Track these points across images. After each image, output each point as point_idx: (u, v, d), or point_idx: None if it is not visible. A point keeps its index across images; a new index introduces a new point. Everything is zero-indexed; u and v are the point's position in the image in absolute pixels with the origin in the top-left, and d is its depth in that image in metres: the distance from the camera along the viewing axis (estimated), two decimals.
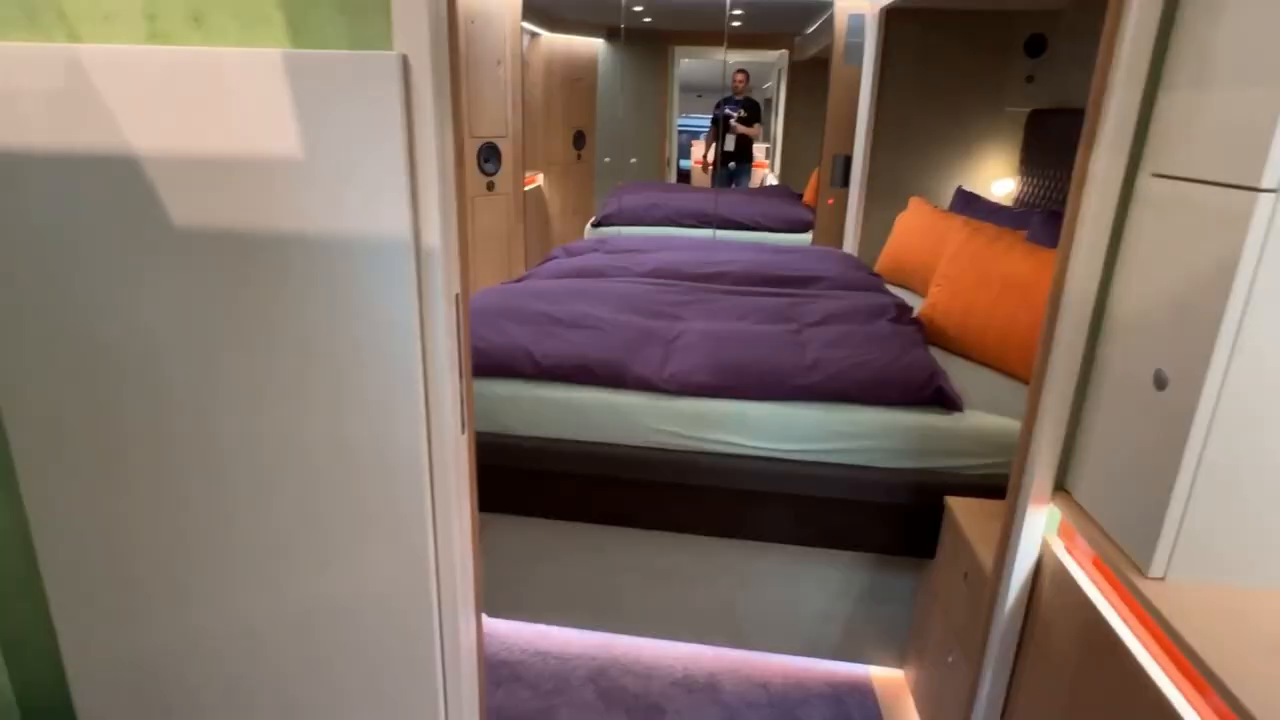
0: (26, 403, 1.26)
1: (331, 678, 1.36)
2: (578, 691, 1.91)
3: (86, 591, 1.37)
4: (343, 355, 1.17)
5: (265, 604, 1.32)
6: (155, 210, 1.13)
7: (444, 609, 1.32)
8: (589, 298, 2.30)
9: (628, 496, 1.86)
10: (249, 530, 1.28)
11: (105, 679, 1.42)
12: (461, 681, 1.37)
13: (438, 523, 1.27)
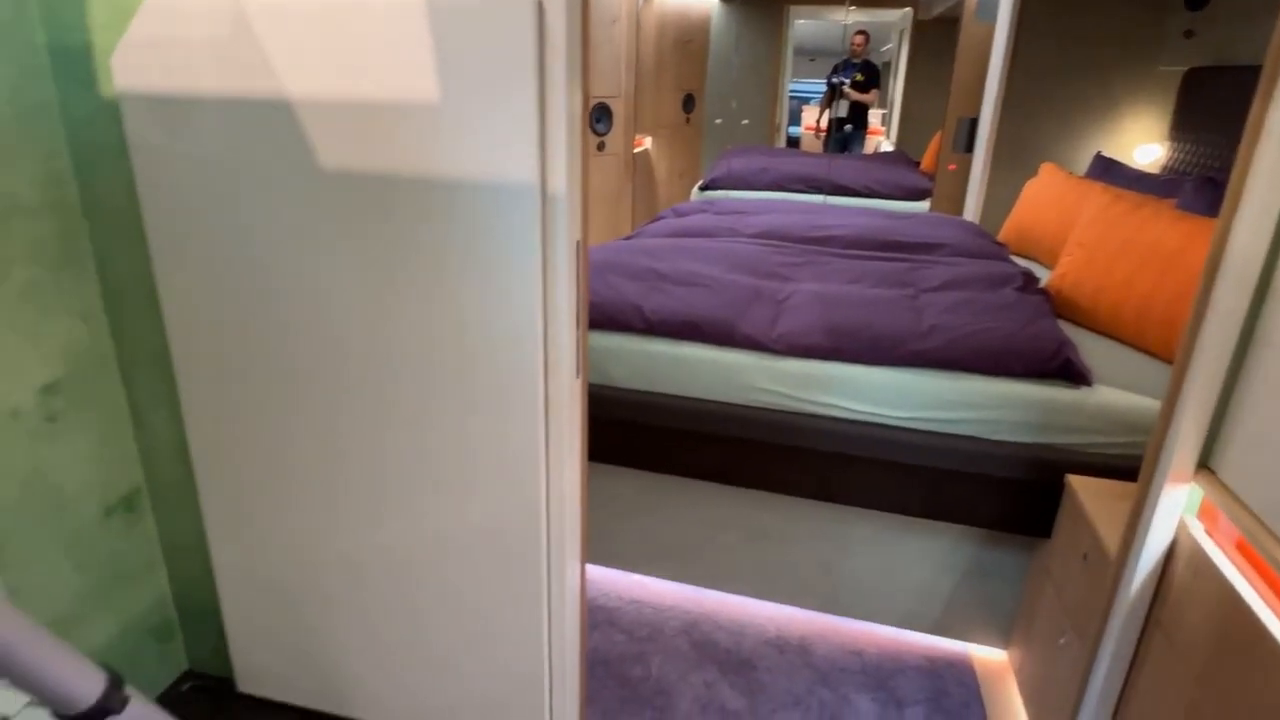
0: (188, 329, 1.38)
1: (450, 601, 1.45)
2: (670, 641, 1.95)
3: (235, 506, 1.50)
4: (468, 295, 1.22)
5: (395, 528, 1.41)
6: (306, 151, 1.21)
7: (552, 545, 1.38)
8: (698, 256, 2.29)
9: (729, 454, 1.87)
10: (382, 457, 1.37)
11: (249, 585, 1.56)
12: (565, 615, 1.43)
13: (550, 464, 1.32)
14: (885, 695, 1.80)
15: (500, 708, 1.51)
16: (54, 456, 1.39)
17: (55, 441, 1.38)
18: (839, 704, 1.77)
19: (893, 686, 1.83)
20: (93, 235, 1.40)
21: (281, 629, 1.58)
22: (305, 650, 1.59)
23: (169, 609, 1.69)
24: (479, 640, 1.47)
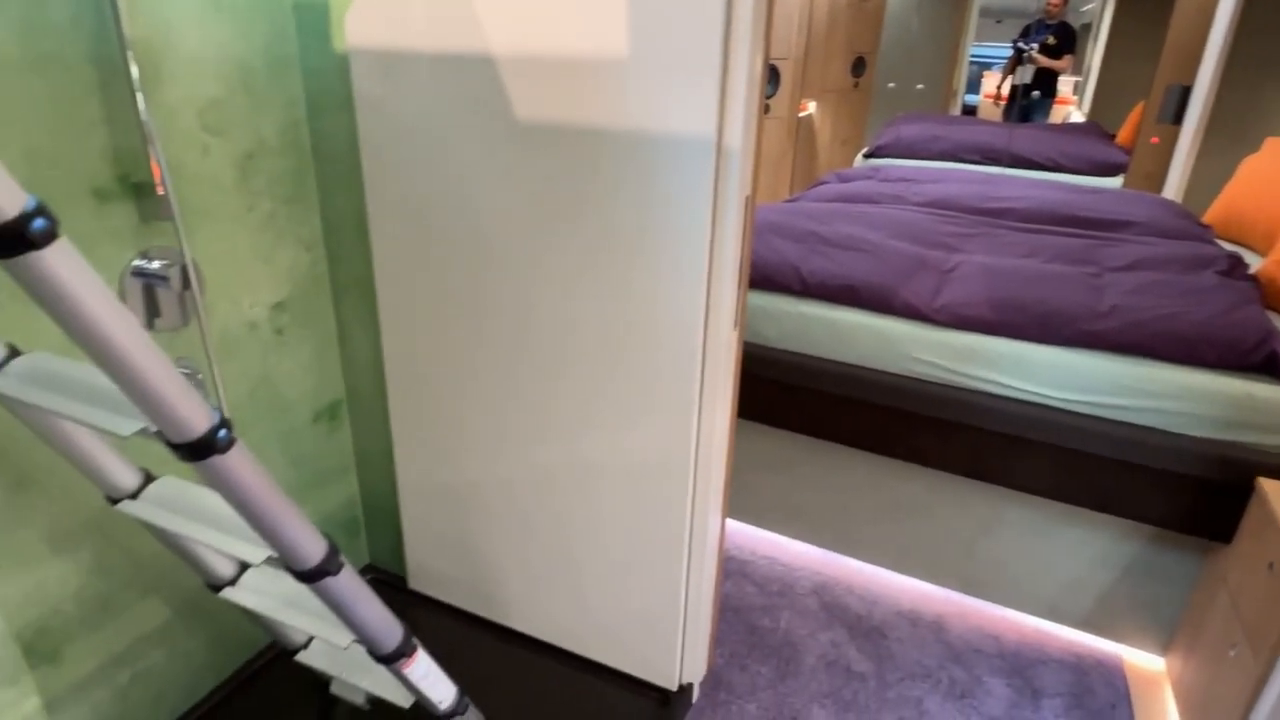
0: (391, 260, 1.56)
1: (599, 530, 1.56)
2: (800, 599, 1.99)
3: (419, 422, 1.68)
4: (641, 241, 1.29)
5: (556, 455, 1.54)
6: (504, 104, 1.32)
7: (698, 488, 1.45)
8: (860, 221, 2.25)
9: (877, 421, 1.86)
10: (551, 388, 1.48)
11: (425, 493, 1.75)
12: (705, 554, 1.51)
13: (703, 410, 1.39)
14: (1021, 683, 1.75)
15: (636, 634, 1.62)
16: (279, 365, 1.61)
17: (281, 352, 1.61)
18: (971, 683, 1.74)
19: (1031, 675, 1.77)
20: (318, 175, 1.60)
21: (451, 536, 1.77)
22: (470, 558, 1.76)
23: (357, 508, 1.93)
24: (622, 569, 1.57)
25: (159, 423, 0.78)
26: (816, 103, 5.22)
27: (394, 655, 1.20)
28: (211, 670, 1.60)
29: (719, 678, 1.75)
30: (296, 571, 1.00)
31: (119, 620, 1.39)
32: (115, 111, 1.21)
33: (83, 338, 0.68)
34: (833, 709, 1.67)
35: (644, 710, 1.59)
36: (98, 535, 1.32)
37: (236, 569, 1.31)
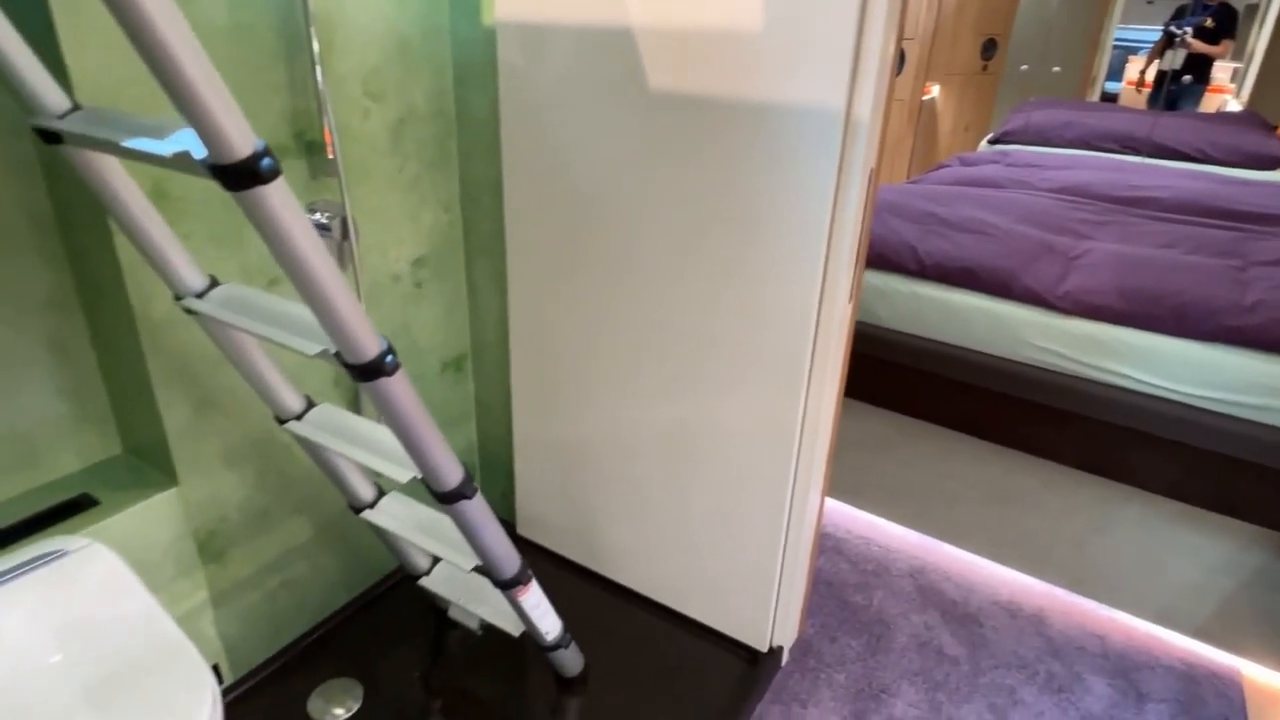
0: (522, 223, 1.66)
1: (703, 491, 1.62)
2: (895, 580, 1.99)
3: (538, 377, 1.78)
4: (764, 209, 1.33)
5: (668, 415, 1.60)
6: (638, 74, 1.38)
7: (802, 456, 1.49)
8: (983, 205, 2.20)
9: (988, 408, 1.83)
10: (667, 351, 1.55)
11: (539, 445, 1.86)
12: (804, 522, 1.54)
13: (812, 380, 1.42)
14: (1125, 684, 1.70)
15: (731, 594, 1.68)
16: (416, 316, 1.75)
17: (418, 304, 1.75)
18: (1070, 678, 1.71)
19: (1136, 679, 1.72)
20: (459, 141, 1.72)
21: (558, 487, 1.88)
22: (574, 509, 1.87)
23: (474, 455, 2.07)
24: (722, 530, 1.63)
25: (339, 344, 0.89)
26: (940, 86, 5.04)
27: (511, 582, 1.31)
28: (344, 587, 1.78)
29: (808, 646, 1.79)
30: (436, 493, 1.11)
31: (272, 533, 1.56)
32: (295, 77, 1.35)
33: (289, 262, 0.79)
34: (923, 688, 1.68)
35: (733, 667, 1.66)
36: (260, 456, 1.49)
37: (375, 494, 1.45)
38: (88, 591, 1.12)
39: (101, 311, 1.28)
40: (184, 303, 1.04)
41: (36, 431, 1.30)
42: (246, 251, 1.36)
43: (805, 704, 1.63)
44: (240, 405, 1.42)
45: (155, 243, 1.00)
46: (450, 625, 1.74)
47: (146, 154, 0.74)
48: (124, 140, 0.76)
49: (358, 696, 1.56)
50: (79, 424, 1.36)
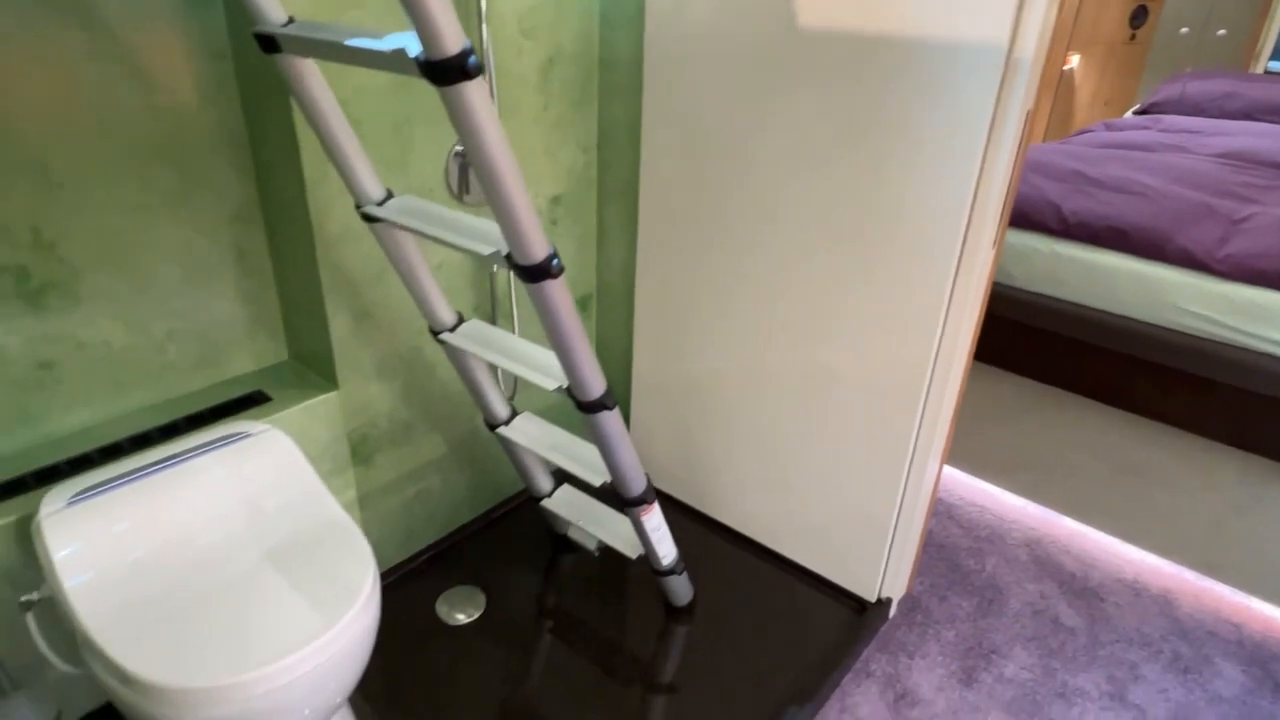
0: (657, 167, 1.69)
1: (821, 438, 1.63)
2: (1010, 549, 1.95)
3: (659, 320, 1.82)
4: (914, 149, 1.32)
5: (792, 359, 1.62)
6: (787, 14, 1.38)
7: (929, 404, 1.47)
8: (1135, 166, 2.08)
9: (1125, 374, 1.75)
10: (795, 296, 1.56)
11: (656, 387, 1.91)
12: (925, 475, 1.53)
13: (947, 326, 1.40)
14: (1261, 673, 1.61)
15: (842, 543, 1.69)
16: None
17: (553, 242, 1.82)
18: (1198, 660, 1.64)
19: (1275, 670, 1.63)
20: (601, 83, 1.77)
21: (674, 429, 1.92)
22: (689, 451, 1.91)
23: None
24: (839, 479, 1.64)
25: (512, 244, 0.96)
26: (1081, 56, 4.73)
27: (638, 500, 1.37)
28: (469, 506, 1.89)
29: (916, 602, 1.78)
30: (581, 401, 1.17)
31: (412, 444, 1.68)
32: (462, 12, 1.43)
33: (480, 156, 0.86)
34: (1036, 653, 1.65)
35: (840, 616, 1.67)
36: (406, 371, 1.60)
37: (510, 413, 1.54)
38: (266, 468, 1.25)
39: (282, 225, 1.41)
40: (365, 209, 1.14)
41: (220, 334, 1.45)
42: (410, 175, 1.45)
43: (913, 655, 1.63)
44: (393, 320, 1.53)
45: (345, 152, 1.10)
46: (566, 549, 1.83)
47: (365, 51, 0.82)
48: (345, 40, 0.84)
49: (479, 605, 1.67)
50: (253, 329, 1.50)
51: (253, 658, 0.96)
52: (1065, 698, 1.54)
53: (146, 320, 1.34)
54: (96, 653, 0.98)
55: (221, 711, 0.95)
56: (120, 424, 1.35)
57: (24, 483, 1.19)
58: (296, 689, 0.99)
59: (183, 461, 1.20)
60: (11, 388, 1.22)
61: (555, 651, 1.55)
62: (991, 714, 1.50)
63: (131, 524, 1.11)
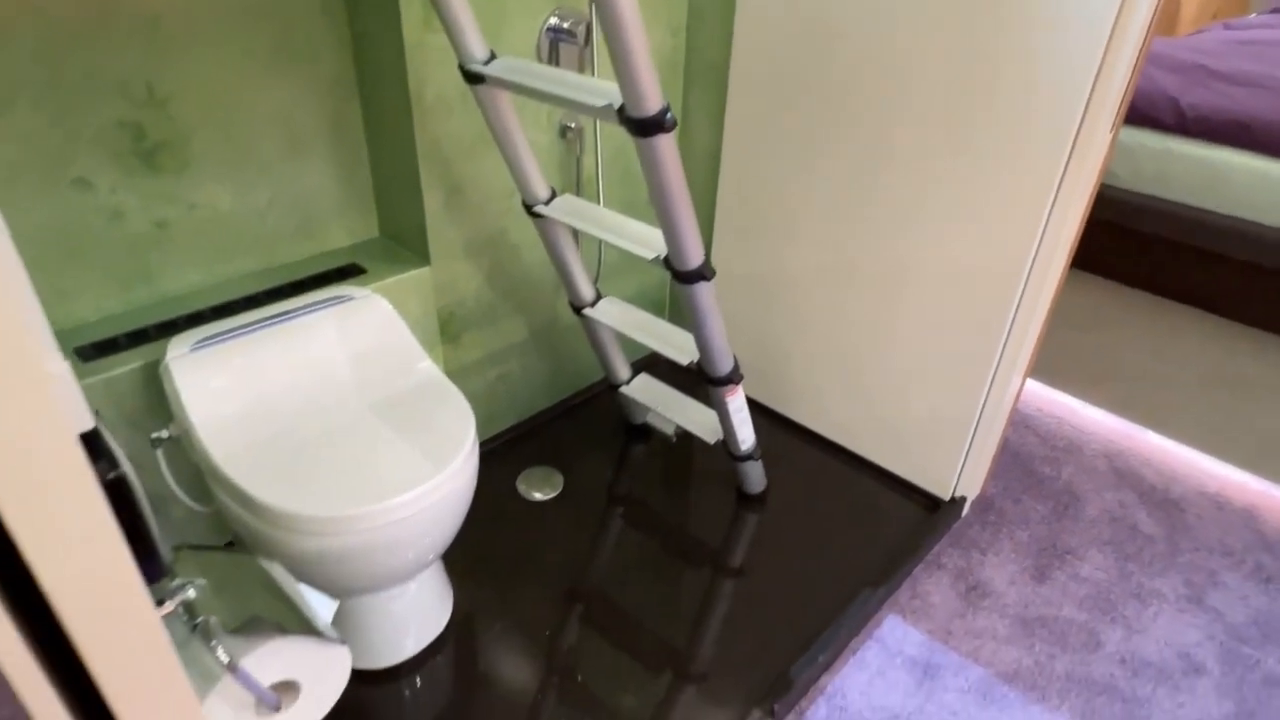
0: (751, 50, 1.63)
1: (905, 334, 1.60)
2: (1088, 459, 1.92)
3: (742, 211, 1.79)
4: (1032, 22, 1.24)
5: (880, 255, 1.57)
6: None
7: (1025, 297, 1.43)
8: (1264, 60, 1.93)
9: (1238, 281, 1.67)
10: (887, 186, 1.50)
11: (733, 279, 1.88)
12: (1013, 372, 1.50)
13: (1054, 212, 1.34)
14: None
15: (918, 441, 1.68)
16: None
17: None
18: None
19: None
20: None
21: (749, 324, 1.92)
22: (764, 347, 1.91)
23: (666, 290, 2.15)
24: (921, 376, 1.62)
25: (627, 95, 0.94)
26: None
27: (725, 379, 1.38)
28: (546, 392, 1.94)
29: (990, 503, 1.78)
30: (680, 271, 1.17)
31: (496, 327, 1.72)
32: None
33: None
34: (1112, 556, 1.64)
35: (912, 512, 1.68)
36: (493, 251, 1.62)
37: (595, 295, 1.55)
38: (369, 329, 1.29)
39: (377, 96, 1.41)
40: (469, 67, 1.13)
41: (316, 204, 1.48)
42: (501, 47, 1.43)
43: (985, 552, 1.64)
44: (483, 196, 1.53)
45: (451, 3, 1.08)
46: (640, 438, 1.87)
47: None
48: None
49: (556, 485, 1.73)
50: (347, 204, 1.52)
51: (370, 493, 1.02)
52: (1140, 598, 1.54)
53: (249, 186, 1.37)
54: (224, 482, 1.05)
55: (340, 542, 1.02)
56: (228, 287, 1.40)
57: (146, 333, 1.25)
58: (409, 526, 1.05)
59: (293, 318, 1.24)
60: (132, 245, 1.27)
61: (628, 531, 1.61)
62: (1065, 608, 1.51)
63: (249, 370, 1.17)
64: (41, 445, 0.30)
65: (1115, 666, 1.41)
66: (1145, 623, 1.49)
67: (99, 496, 0.33)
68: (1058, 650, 1.43)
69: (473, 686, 1.27)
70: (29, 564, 0.31)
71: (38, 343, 0.30)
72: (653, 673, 1.31)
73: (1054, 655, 1.42)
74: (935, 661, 1.40)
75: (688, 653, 1.35)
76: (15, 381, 0.28)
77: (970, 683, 1.36)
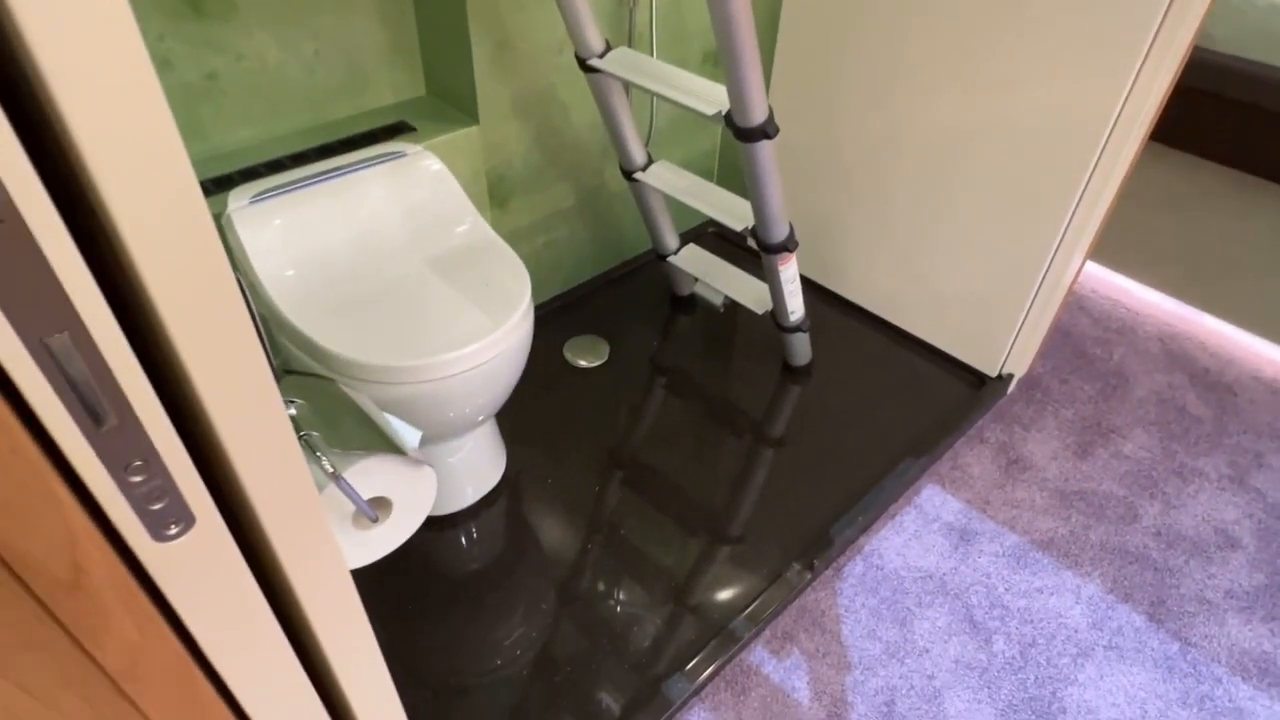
0: None
1: (961, 209, 1.53)
2: (1141, 341, 1.88)
3: (798, 76, 1.69)
4: None
5: (935, 120, 1.48)
6: None
7: (1099, 168, 1.36)
8: None
9: None
10: (959, 35, 1.40)
11: (785, 149, 1.82)
12: (1067, 269, 1.46)
13: (1143, 72, 1.25)
14: None
15: (967, 318, 1.66)
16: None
17: None
18: None
19: None
20: None
21: (800, 197, 1.86)
22: (815, 222, 1.87)
23: (713, 160, 2.09)
24: (976, 260, 1.58)
25: None
26: None
27: (780, 246, 1.36)
28: (593, 261, 1.93)
29: (1037, 381, 1.77)
30: (741, 128, 1.13)
31: (544, 192, 1.69)
32: None
33: None
34: (1157, 436, 1.64)
35: (957, 388, 1.68)
36: (542, 110, 1.57)
37: (647, 159, 1.51)
38: (424, 185, 1.28)
39: None
40: (588, 60, 1.07)
41: (362, 57, 1.43)
42: None
43: (1028, 428, 1.65)
44: (532, 50, 1.47)
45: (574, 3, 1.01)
46: (685, 310, 1.87)
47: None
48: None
49: (602, 354, 1.75)
50: (393, 59, 1.47)
51: (434, 345, 1.04)
52: (1182, 476, 1.55)
53: (295, 37, 1.33)
54: (290, 331, 1.08)
55: (403, 391, 1.05)
56: (278, 144, 1.39)
57: (204, 187, 1.26)
58: (469, 380, 1.08)
59: (348, 172, 1.24)
60: (183, 96, 1.25)
61: (673, 398, 1.64)
62: (1105, 483, 1.53)
63: (307, 224, 1.18)
64: (181, 209, 0.31)
65: (1149, 538, 1.44)
66: (1185, 499, 1.51)
67: (238, 296, 0.34)
68: (1093, 521, 1.46)
69: (525, 534, 1.35)
70: (169, 334, 0.33)
71: None
72: (695, 528, 1.37)
73: (1089, 526, 1.45)
74: (972, 528, 1.44)
75: (729, 513, 1.40)
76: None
77: (1005, 549, 1.41)
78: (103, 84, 0.26)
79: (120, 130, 0.27)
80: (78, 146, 0.27)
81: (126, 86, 0.27)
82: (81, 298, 0.29)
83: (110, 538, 0.35)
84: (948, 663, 1.23)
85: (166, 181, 0.30)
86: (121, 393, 0.31)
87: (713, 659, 1.17)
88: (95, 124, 0.27)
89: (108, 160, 0.28)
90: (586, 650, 1.18)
